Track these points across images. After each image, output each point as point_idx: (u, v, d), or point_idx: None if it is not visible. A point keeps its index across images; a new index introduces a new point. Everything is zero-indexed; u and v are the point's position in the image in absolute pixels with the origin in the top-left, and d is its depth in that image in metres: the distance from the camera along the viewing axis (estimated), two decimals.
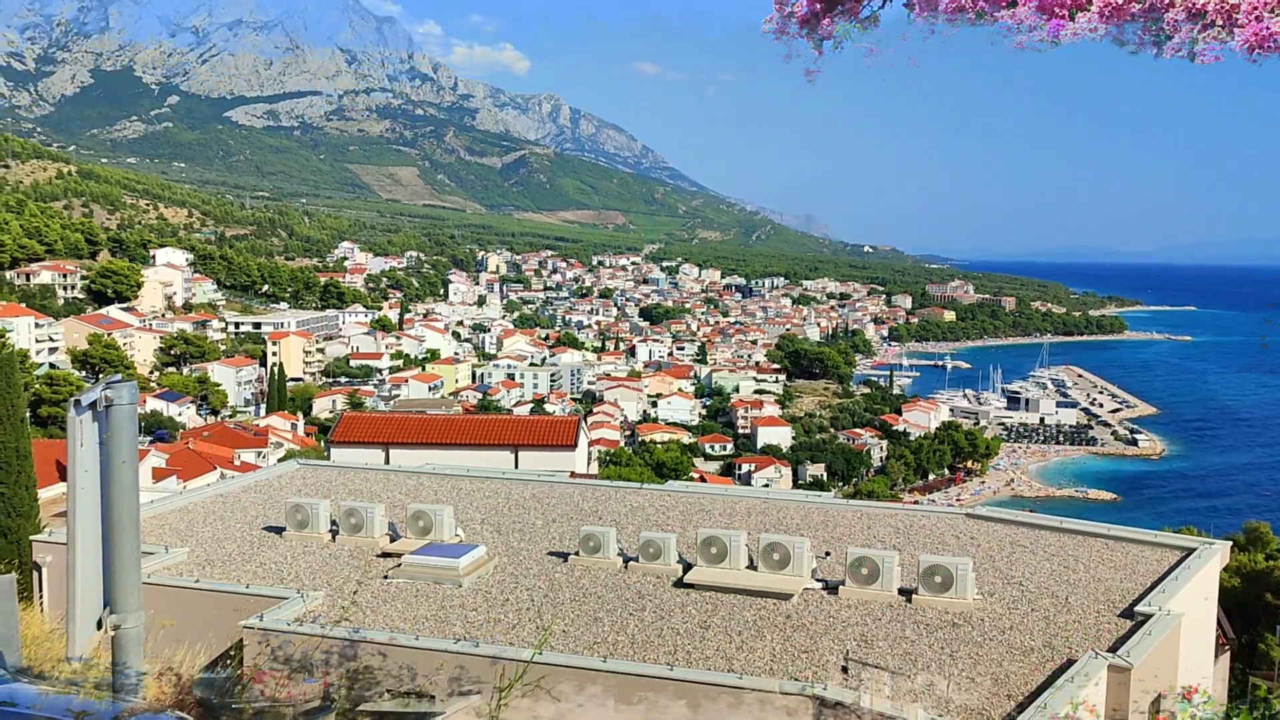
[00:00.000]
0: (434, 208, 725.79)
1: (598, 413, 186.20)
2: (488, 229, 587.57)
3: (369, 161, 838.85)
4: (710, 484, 75.17)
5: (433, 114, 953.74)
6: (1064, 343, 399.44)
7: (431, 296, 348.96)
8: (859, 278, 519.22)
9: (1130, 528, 20.52)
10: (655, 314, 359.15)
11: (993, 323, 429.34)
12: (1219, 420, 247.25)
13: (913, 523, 21.07)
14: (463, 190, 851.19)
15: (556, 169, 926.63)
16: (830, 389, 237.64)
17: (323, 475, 25.85)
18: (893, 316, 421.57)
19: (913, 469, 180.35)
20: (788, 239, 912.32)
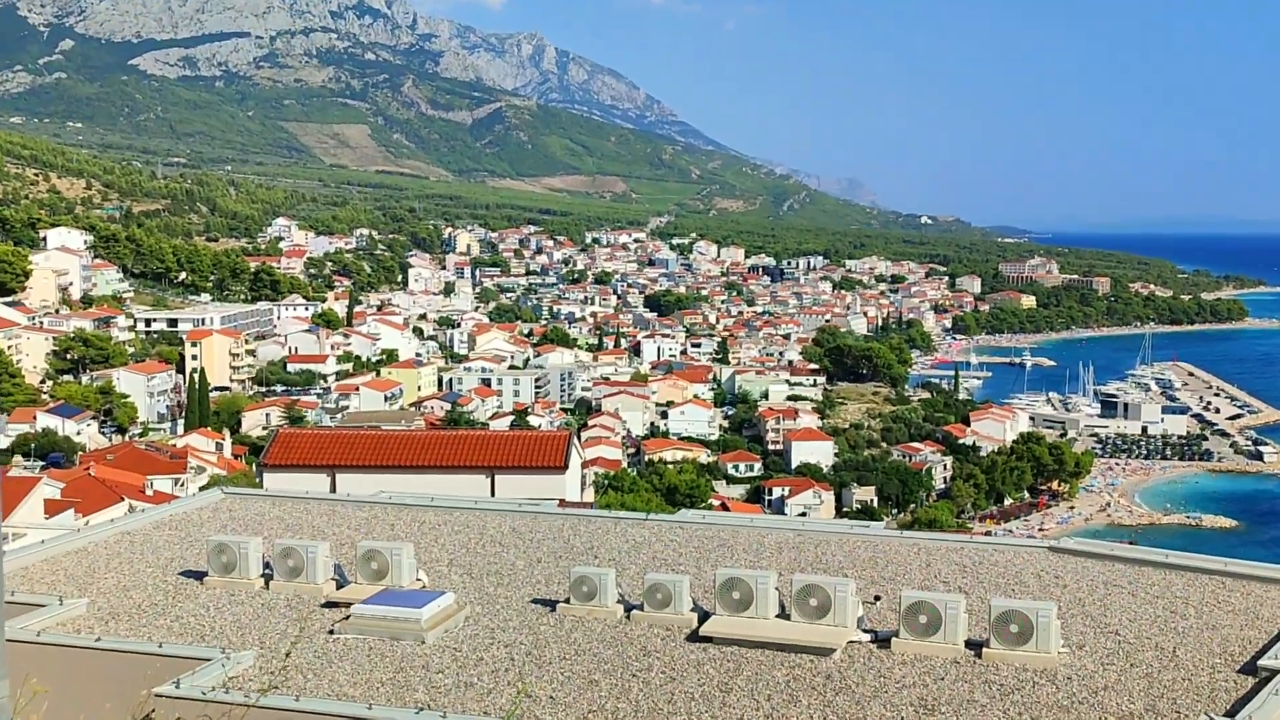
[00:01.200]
0: (389, 175, 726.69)
1: (594, 426, 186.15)
2: (456, 200, 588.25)
3: (309, 119, 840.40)
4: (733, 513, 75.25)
5: (387, 59, 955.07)
6: (1171, 333, 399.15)
7: (387, 284, 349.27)
8: (915, 256, 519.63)
9: (1254, 562, 20.43)
10: (664, 303, 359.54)
11: (1082, 310, 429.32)
12: None
13: (983, 559, 21.02)
14: (425, 153, 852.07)
15: (540, 125, 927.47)
16: (881, 394, 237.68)
17: (254, 507, 25.83)
18: (957, 303, 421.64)
19: (984, 492, 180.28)
20: (827, 208, 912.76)
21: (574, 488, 40.67)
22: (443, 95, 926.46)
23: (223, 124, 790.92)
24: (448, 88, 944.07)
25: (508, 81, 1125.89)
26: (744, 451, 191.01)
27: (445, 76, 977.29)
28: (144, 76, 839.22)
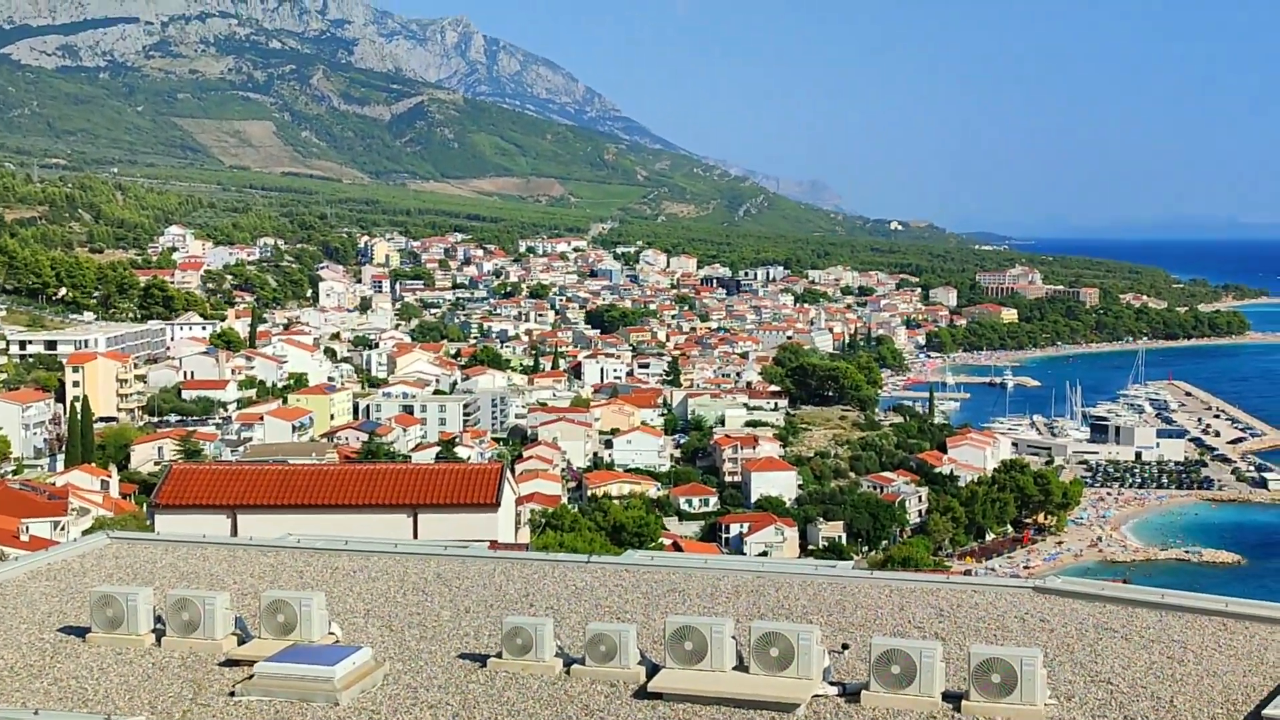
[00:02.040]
0: (297, 177, 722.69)
1: (530, 457, 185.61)
2: (373, 205, 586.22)
3: (205, 114, 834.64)
4: (686, 553, 75.35)
5: (294, 47, 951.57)
6: (1166, 349, 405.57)
7: (296, 300, 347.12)
8: (884, 265, 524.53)
9: (1258, 602, 20.72)
10: (608, 319, 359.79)
11: (1068, 324, 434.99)
12: None
13: (962, 601, 21.18)
14: (337, 152, 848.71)
15: (467, 121, 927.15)
16: (849, 418, 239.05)
17: (143, 553, 25.54)
18: (932, 317, 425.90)
19: (963, 526, 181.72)
20: (787, 213, 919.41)
21: (507, 527, 40.58)
22: (357, 88, 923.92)
23: (108, 120, 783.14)
24: (363, 80, 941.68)
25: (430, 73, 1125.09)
26: (698, 484, 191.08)
27: (360, 67, 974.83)
28: (17, 67, 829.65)
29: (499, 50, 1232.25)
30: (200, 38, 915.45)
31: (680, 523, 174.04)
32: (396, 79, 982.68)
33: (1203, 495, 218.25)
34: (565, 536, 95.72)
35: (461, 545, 27.47)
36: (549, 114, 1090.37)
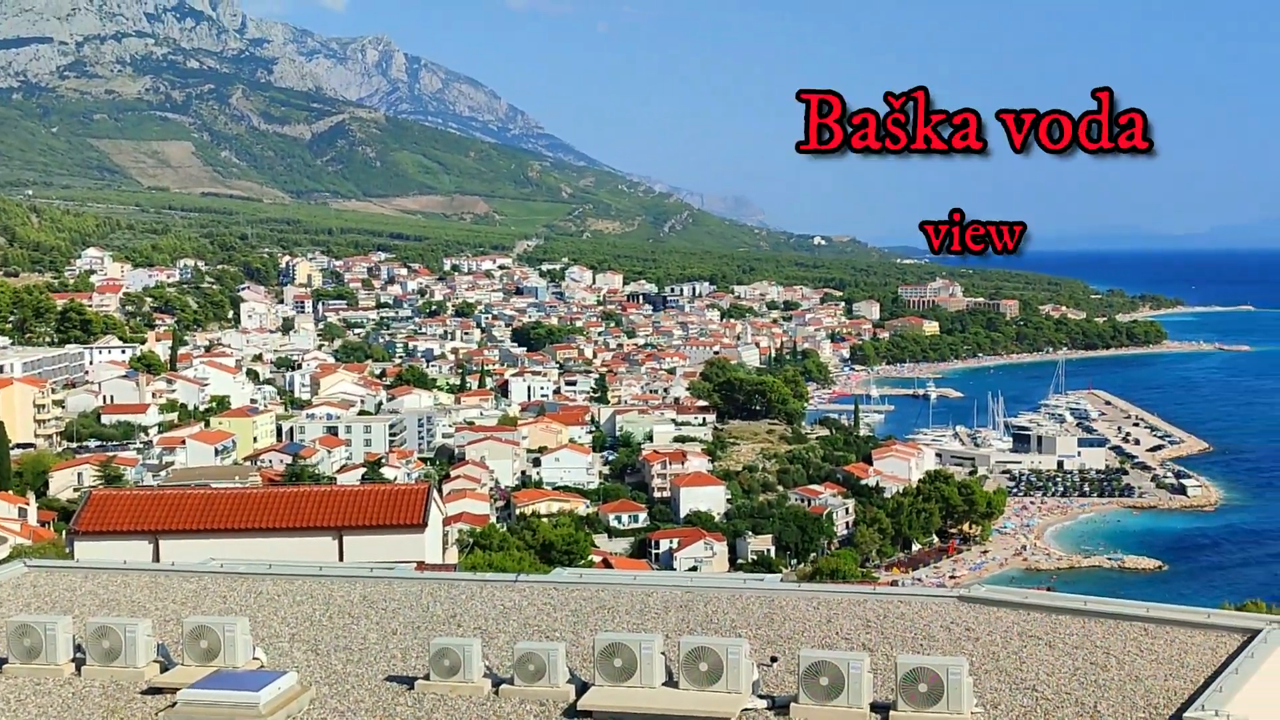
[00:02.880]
0: (217, 197, 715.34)
1: (457, 477, 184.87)
2: (294, 225, 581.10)
3: (123, 135, 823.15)
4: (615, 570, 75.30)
5: (213, 67, 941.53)
6: (1085, 359, 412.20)
7: (217, 321, 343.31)
8: (809, 280, 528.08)
9: (1178, 606, 21.10)
10: (534, 337, 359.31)
11: (989, 335, 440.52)
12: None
13: (889, 611, 21.35)
14: (257, 172, 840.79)
15: (389, 139, 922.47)
16: (776, 432, 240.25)
17: (62, 581, 25.12)
18: (855, 331, 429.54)
19: (890, 537, 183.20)
20: (712, 229, 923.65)
21: (434, 548, 40.40)
22: (277, 107, 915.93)
23: (21, 142, 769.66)
24: (283, 99, 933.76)
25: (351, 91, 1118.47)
26: (627, 501, 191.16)
27: (280, 86, 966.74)
28: None
29: (420, 68, 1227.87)
30: (116, 58, 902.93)
31: (610, 540, 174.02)
32: (317, 98, 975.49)
33: (1124, 503, 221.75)
34: (494, 556, 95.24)
35: (388, 567, 27.30)
36: (472, 132, 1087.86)
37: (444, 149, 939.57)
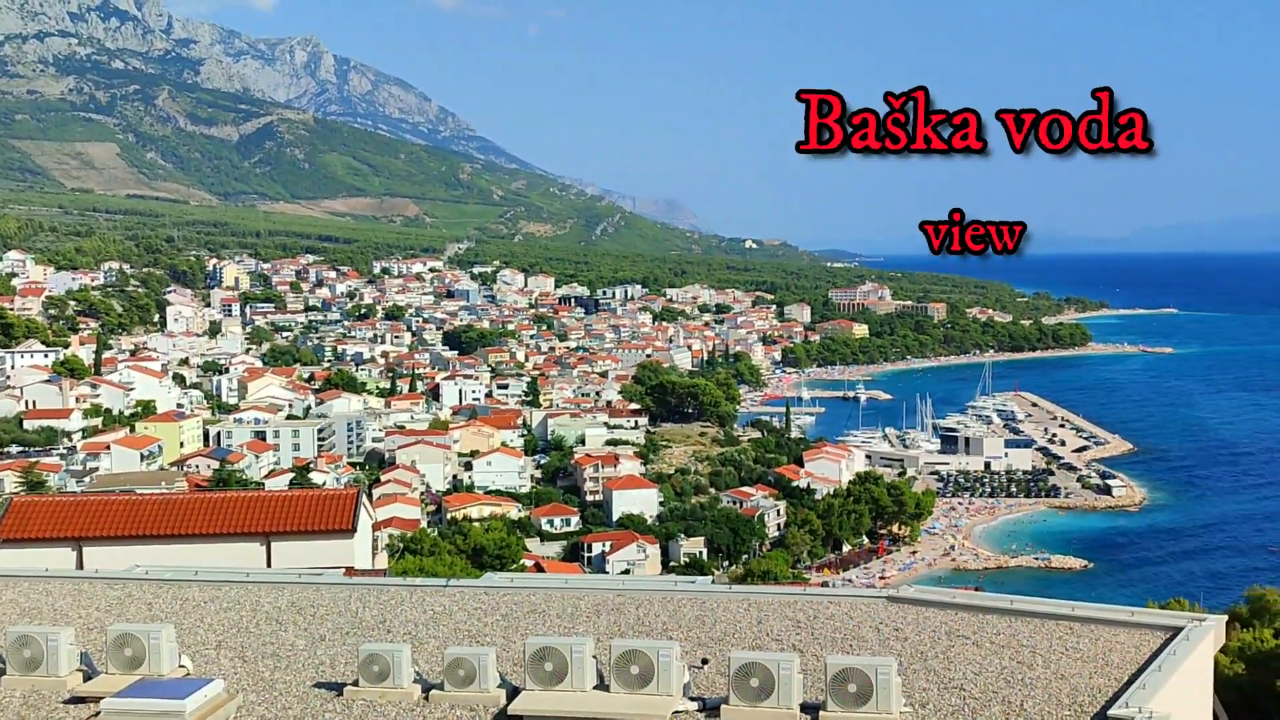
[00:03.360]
0: (143, 199, 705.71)
1: (387, 481, 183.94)
2: (222, 227, 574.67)
3: (45, 136, 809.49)
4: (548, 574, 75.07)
5: (138, 68, 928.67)
6: (1012, 361, 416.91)
7: (142, 325, 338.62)
8: (740, 283, 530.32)
9: (1102, 605, 21.42)
10: (466, 340, 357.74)
11: (918, 338, 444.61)
12: (1211, 456, 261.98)
13: (819, 612, 21.48)
14: (184, 174, 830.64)
15: (318, 141, 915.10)
16: (708, 434, 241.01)
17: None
18: (787, 334, 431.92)
19: (820, 539, 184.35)
20: (644, 232, 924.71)
21: (364, 553, 40.13)
22: (204, 108, 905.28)
23: None
24: (210, 100, 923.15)
25: (280, 93, 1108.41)
26: (559, 504, 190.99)
27: (207, 87, 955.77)
28: None
29: (350, 70, 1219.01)
30: (39, 57, 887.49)
31: (542, 543, 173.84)
32: (244, 99, 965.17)
33: (1050, 503, 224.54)
34: (425, 561, 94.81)
35: (316, 573, 27.09)
36: (402, 133, 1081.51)
37: (374, 151, 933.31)
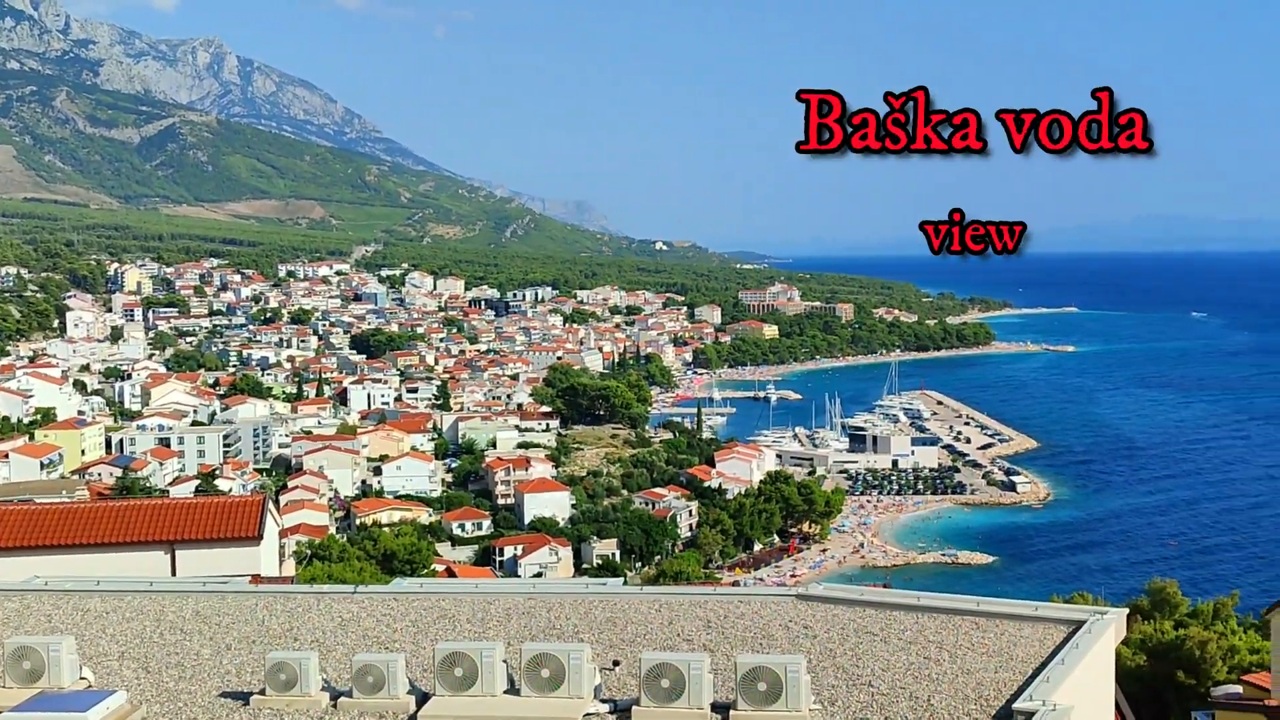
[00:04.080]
0: (41, 202, 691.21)
1: (295, 487, 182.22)
2: (123, 230, 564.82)
3: None
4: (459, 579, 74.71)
5: (34, 68, 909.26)
6: (918, 360, 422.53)
7: (41, 331, 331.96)
8: (651, 284, 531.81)
9: (1007, 600, 21.73)
10: (374, 343, 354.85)
11: (826, 338, 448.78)
12: (1112, 452, 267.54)
13: (729, 612, 21.57)
14: (83, 176, 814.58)
15: (221, 143, 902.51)
16: (620, 436, 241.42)
17: None
18: (698, 335, 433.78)
19: (732, 538, 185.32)
20: (554, 234, 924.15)
21: (270, 560, 39.73)
22: (104, 110, 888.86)
23: None
24: (110, 101, 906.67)
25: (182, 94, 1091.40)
26: (471, 508, 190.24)
27: (107, 89, 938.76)
28: None
29: (253, 71, 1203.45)
30: None
31: (453, 548, 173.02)
32: (145, 100, 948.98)
33: (956, 499, 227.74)
34: (333, 567, 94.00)
35: (222, 581, 26.75)
36: (307, 135, 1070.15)
37: (278, 153, 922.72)
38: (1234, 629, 56.64)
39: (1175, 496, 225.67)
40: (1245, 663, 50.98)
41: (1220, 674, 49.79)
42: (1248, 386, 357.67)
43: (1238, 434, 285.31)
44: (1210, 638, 51.53)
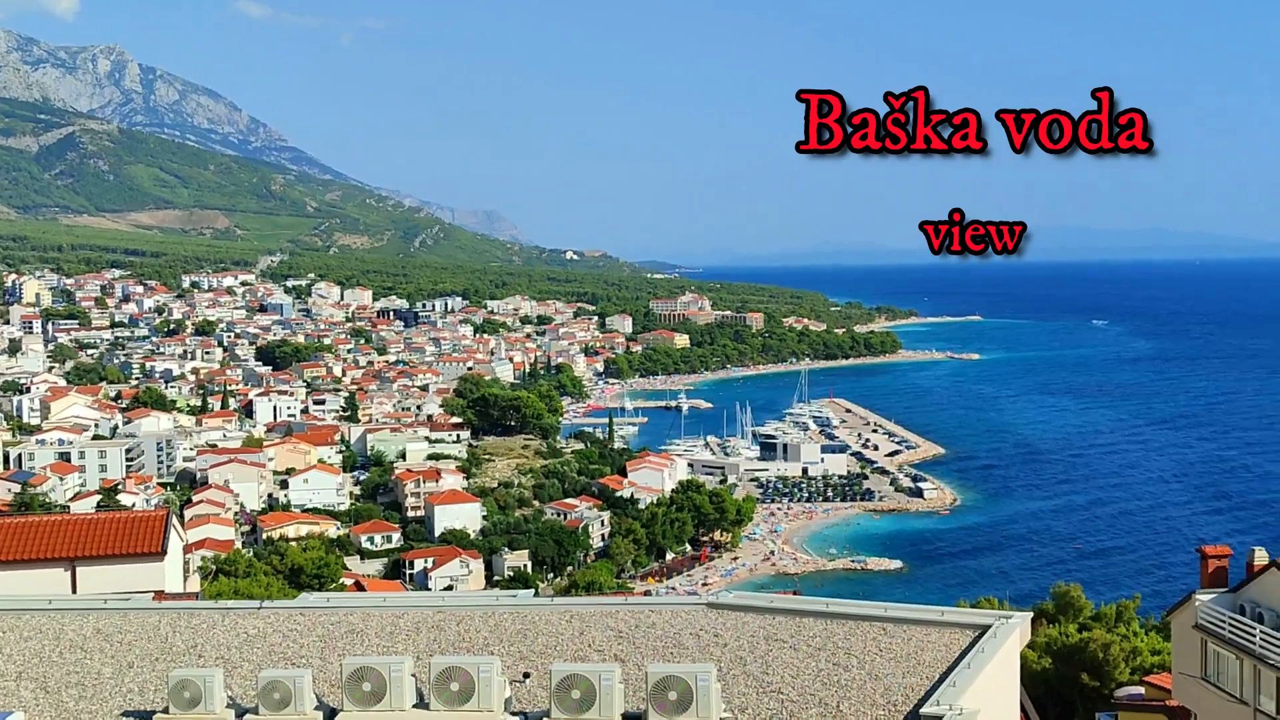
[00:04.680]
0: None
1: (199, 502, 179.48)
2: (20, 241, 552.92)
3: None
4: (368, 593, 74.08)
5: None
6: (827, 368, 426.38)
7: None
8: (562, 294, 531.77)
9: (915, 605, 21.99)
10: (280, 355, 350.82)
11: (737, 347, 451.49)
12: (1016, 457, 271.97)
13: (640, 621, 21.58)
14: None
15: (123, 152, 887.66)
16: (531, 447, 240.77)
17: None
18: (609, 344, 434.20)
19: (645, 548, 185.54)
20: (464, 244, 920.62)
21: (174, 576, 39.17)
22: (1, 118, 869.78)
23: None
24: (7, 109, 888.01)
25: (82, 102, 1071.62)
26: (380, 521, 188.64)
27: (4, 96, 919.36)
28: None
29: (156, 79, 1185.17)
30: None
31: (362, 562, 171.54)
32: (44, 109, 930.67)
33: (865, 506, 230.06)
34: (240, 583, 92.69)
35: (124, 598, 26.28)
36: (211, 144, 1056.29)
37: (182, 162, 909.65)
38: (1136, 631, 57.88)
39: (1077, 500, 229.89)
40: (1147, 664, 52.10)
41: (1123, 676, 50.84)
42: (1146, 393, 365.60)
43: (1136, 439, 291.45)
44: (1113, 640, 52.61)
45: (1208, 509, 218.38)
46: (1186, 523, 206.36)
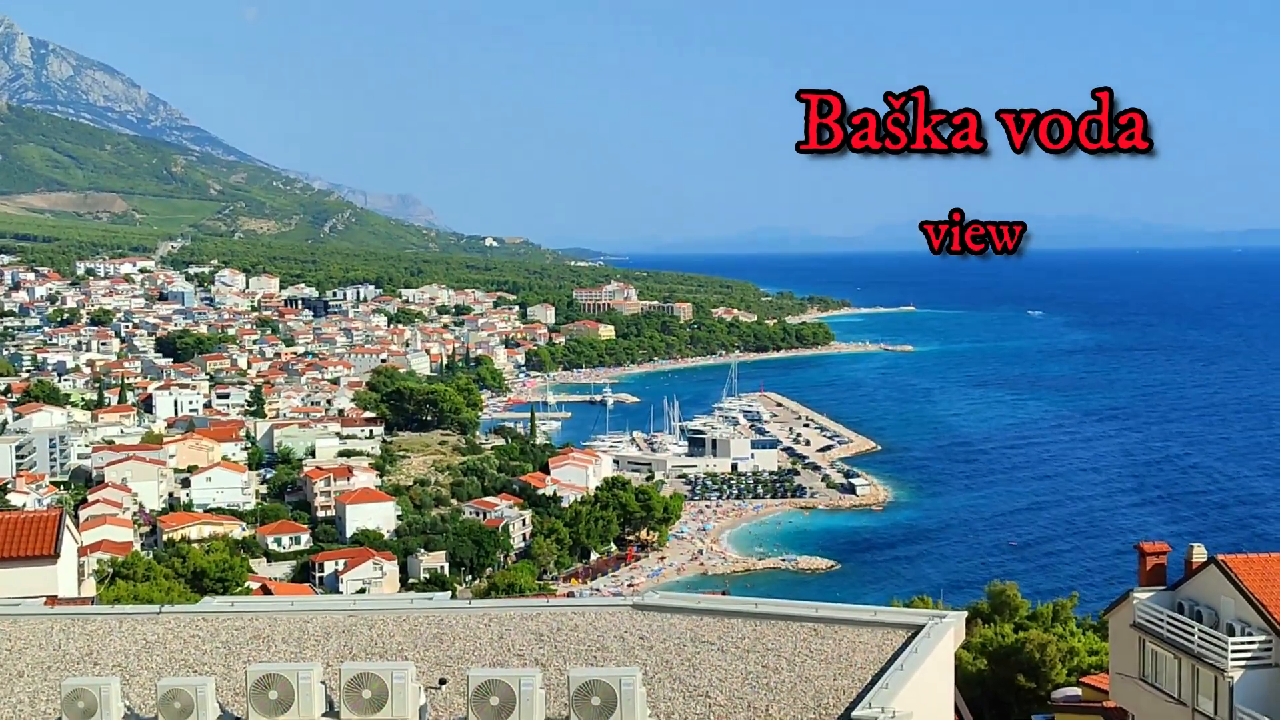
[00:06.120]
0: None
1: (95, 501, 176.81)
2: None
3: None
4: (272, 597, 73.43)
5: None
6: (757, 361, 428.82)
7: None
8: (481, 283, 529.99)
9: (846, 605, 22.18)
10: (182, 346, 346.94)
11: (664, 339, 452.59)
12: (950, 453, 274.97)
13: (563, 624, 21.59)
14: None
15: (13, 130, 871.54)
16: (449, 443, 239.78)
17: None
18: (531, 336, 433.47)
19: (568, 548, 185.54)
20: (377, 229, 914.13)
21: (68, 580, 38.70)
22: None
23: None
24: None
25: None
26: (287, 521, 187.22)
27: None
28: None
29: (48, 53, 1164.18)
30: None
31: (269, 564, 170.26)
32: None
33: (796, 503, 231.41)
34: (139, 587, 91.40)
35: (14, 603, 25.92)
36: (108, 123, 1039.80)
37: (76, 141, 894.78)
38: (1073, 630, 58.75)
39: (1012, 496, 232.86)
40: (1084, 665, 52.93)
41: (1060, 676, 51.62)
42: (1082, 385, 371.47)
43: (1072, 433, 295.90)
44: (1050, 640, 53.35)
45: (1145, 504, 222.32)
46: (1124, 518, 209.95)
